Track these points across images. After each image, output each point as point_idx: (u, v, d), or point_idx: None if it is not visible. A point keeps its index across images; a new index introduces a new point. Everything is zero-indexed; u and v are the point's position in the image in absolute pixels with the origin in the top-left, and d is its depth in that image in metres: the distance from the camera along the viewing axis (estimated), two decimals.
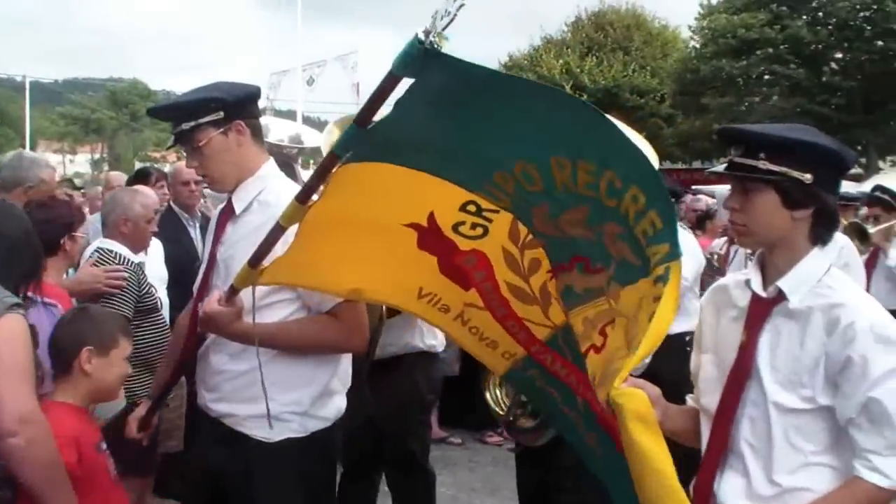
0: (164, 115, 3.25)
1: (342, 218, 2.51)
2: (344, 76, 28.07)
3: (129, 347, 3.10)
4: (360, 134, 2.28)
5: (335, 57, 28.91)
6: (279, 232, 2.53)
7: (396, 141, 2.31)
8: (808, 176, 2.21)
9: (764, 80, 27.55)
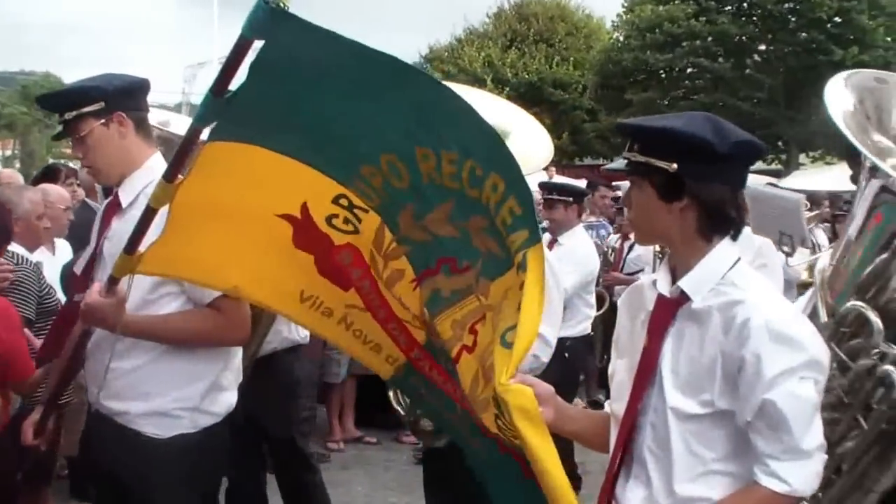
0: (47, 104, 3.28)
1: (215, 202, 2.47)
2: None
3: None
4: (216, 104, 2.21)
5: (254, 48, 28.45)
6: (151, 214, 2.49)
7: (260, 118, 2.26)
8: (673, 165, 2.12)
9: (687, 73, 28.09)
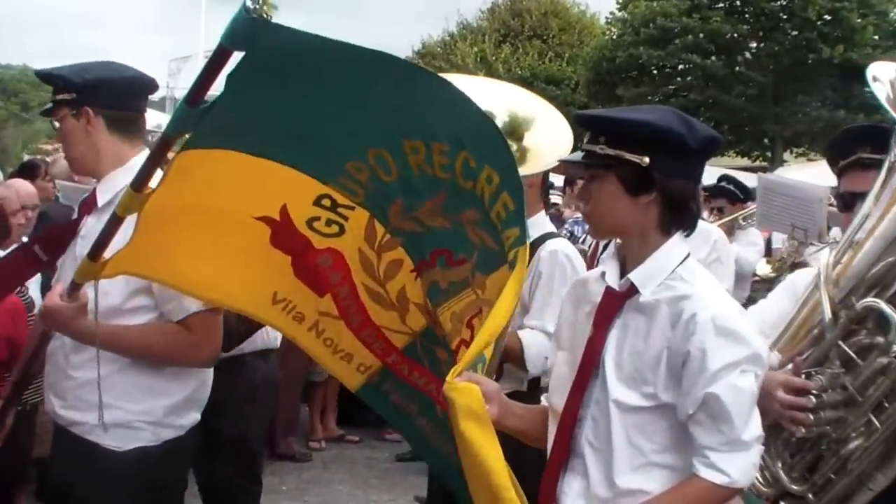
0: (45, 80, 3.11)
1: (189, 209, 2.42)
2: None
3: None
4: (191, 114, 2.16)
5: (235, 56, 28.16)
6: (116, 222, 2.43)
7: (238, 124, 2.22)
8: (645, 159, 2.13)
9: (679, 70, 28.21)
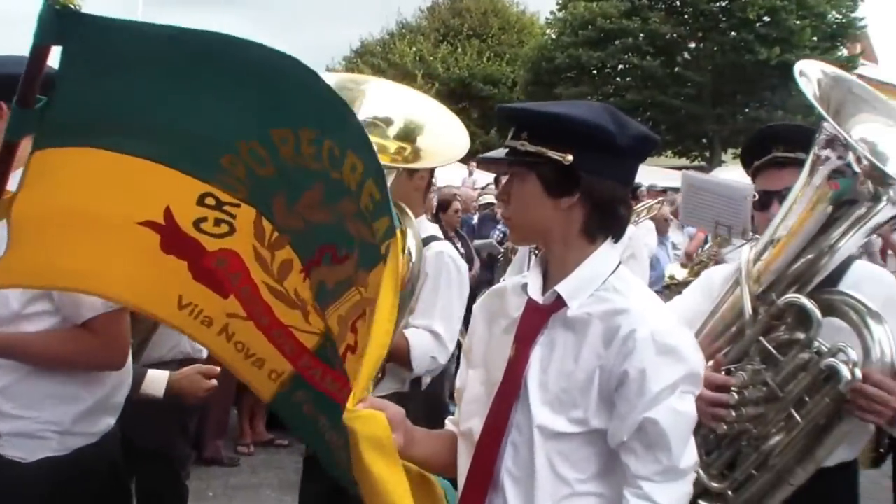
0: None
1: (67, 211, 2.28)
2: None
3: None
4: (27, 115, 2.01)
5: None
6: None
7: (88, 121, 2.07)
8: (568, 157, 1.94)
9: (618, 70, 28.68)
